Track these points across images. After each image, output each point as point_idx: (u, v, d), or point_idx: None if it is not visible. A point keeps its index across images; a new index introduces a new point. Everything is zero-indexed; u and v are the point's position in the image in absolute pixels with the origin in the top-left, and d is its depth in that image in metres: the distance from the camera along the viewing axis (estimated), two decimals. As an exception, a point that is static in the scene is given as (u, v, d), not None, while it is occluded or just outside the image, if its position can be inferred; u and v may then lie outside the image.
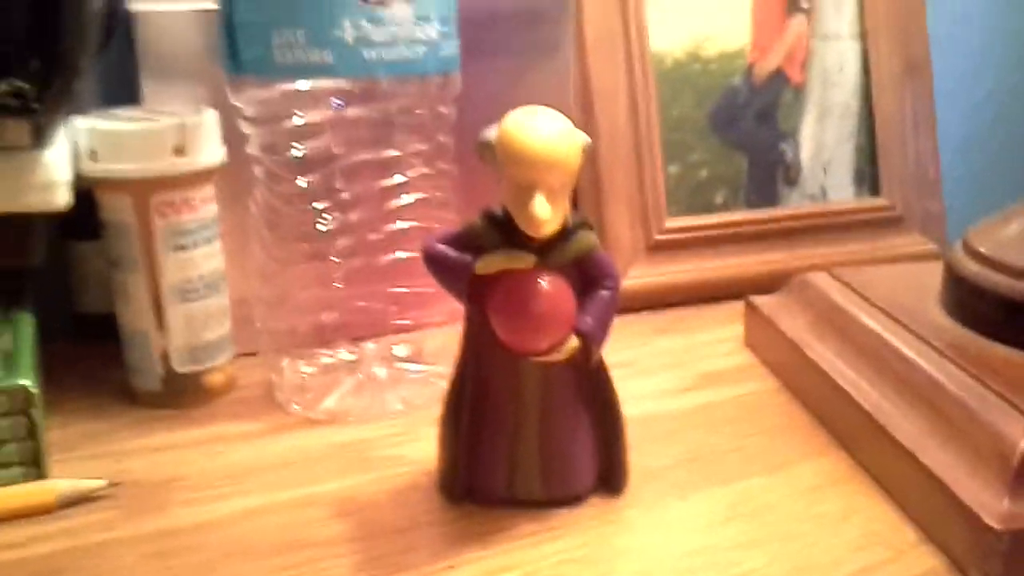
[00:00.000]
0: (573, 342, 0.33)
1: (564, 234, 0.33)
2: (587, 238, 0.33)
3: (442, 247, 0.34)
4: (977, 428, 0.34)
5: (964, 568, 0.32)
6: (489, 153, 0.32)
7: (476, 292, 0.33)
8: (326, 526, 0.35)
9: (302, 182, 0.42)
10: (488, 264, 0.33)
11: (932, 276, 0.45)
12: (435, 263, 0.34)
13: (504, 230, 0.33)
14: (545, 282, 0.32)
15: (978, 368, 0.37)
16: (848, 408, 0.40)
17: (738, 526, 0.35)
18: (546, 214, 0.30)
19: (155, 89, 0.46)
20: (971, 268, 0.41)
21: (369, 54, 0.38)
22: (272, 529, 0.35)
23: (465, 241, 0.34)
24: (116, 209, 0.42)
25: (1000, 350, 0.38)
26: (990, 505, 0.31)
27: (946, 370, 0.37)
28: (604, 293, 0.34)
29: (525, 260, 0.32)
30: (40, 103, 0.30)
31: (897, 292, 0.45)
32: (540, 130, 0.30)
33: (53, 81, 0.30)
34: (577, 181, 0.33)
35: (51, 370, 0.42)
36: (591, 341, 0.34)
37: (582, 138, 0.32)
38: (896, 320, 0.42)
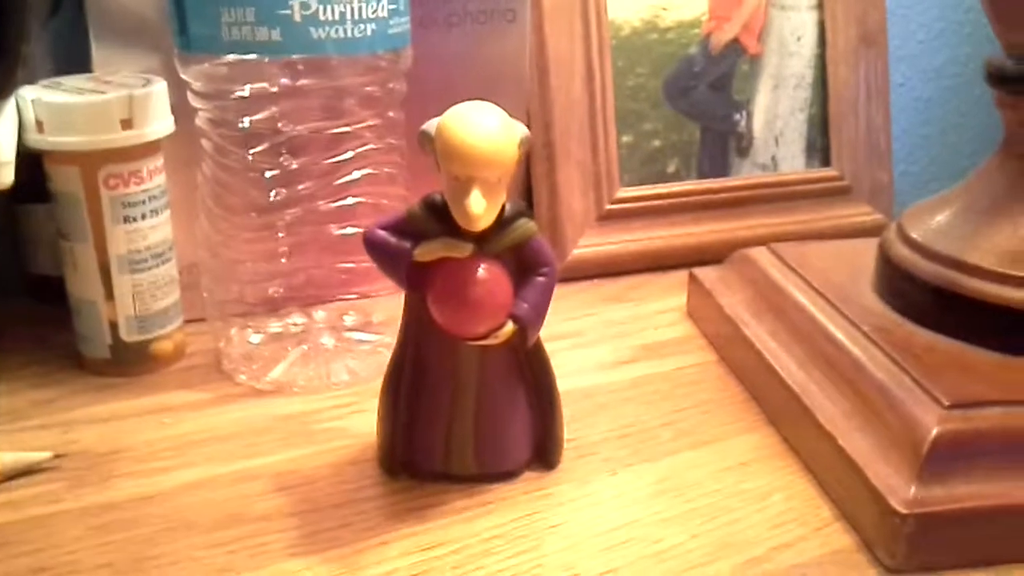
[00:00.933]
0: (509, 327, 0.34)
1: (502, 222, 0.34)
2: (525, 227, 0.34)
3: (382, 234, 0.34)
4: (893, 414, 0.35)
5: (873, 548, 0.34)
6: (429, 145, 0.32)
7: (415, 278, 0.34)
8: (266, 500, 0.36)
9: (249, 155, 0.42)
10: (426, 252, 0.33)
11: (868, 255, 0.46)
12: (375, 249, 0.34)
13: (443, 217, 0.33)
14: (483, 270, 0.33)
15: (901, 353, 0.38)
16: (777, 387, 0.41)
17: (664, 502, 0.37)
18: (481, 210, 0.31)
19: (106, 55, 0.46)
20: (902, 252, 0.42)
21: (317, 32, 0.38)
22: (213, 503, 0.36)
23: (405, 228, 0.34)
24: (64, 180, 0.42)
25: (924, 336, 0.40)
26: (899, 489, 0.33)
27: (870, 353, 0.39)
28: (541, 280, 0.35)
29: (463, 248, 0.33)
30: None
31: (832, 271, 0.46)
32: (476, 128, 0.30)
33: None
34: (520, 168, 0.33)
35: (1, 330, 0.42)
36: (527, 326, 0.35)
37: (520, 132, 0.32)
38: (828, 301, 0.43)
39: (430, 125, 0.32)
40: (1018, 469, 0.33)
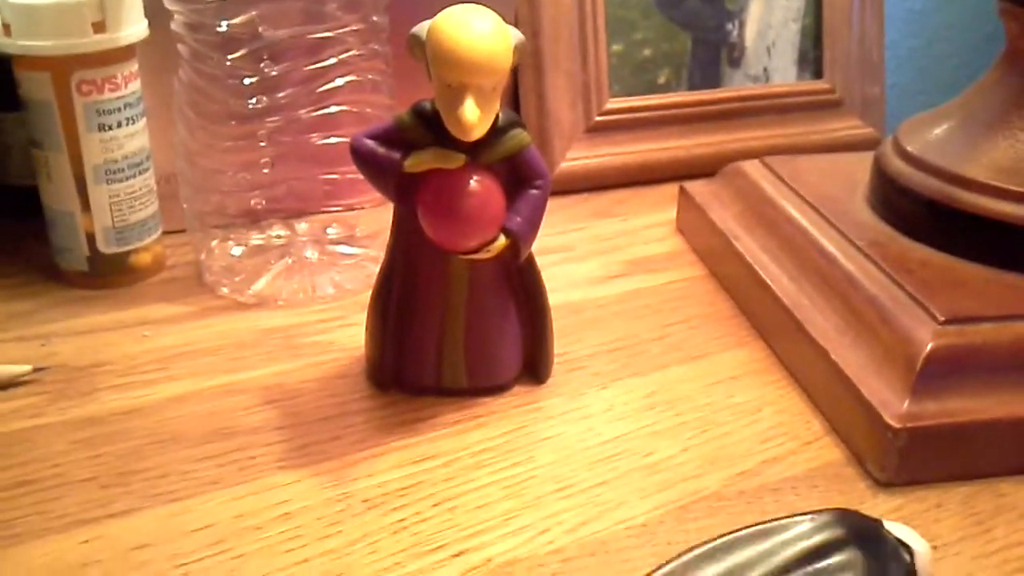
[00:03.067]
0: (502, 240, 0.33)
1: (495, 132, 0.33)
2: (519, 137, 0.33)
3: (370, 143, 0.33)
4: (887, 328, 0.35)
5: (864, 462, 0.34)
6: (419, 50, 0.31)
7: (405, 189, 0.33)
8: (254, 414, 0.36)
9: (228, 60, 0.41)
10: (417, 162, 0.32)
11: (862, 169, 0.45)
12: (363, 160, 0.33)
13: (434, 127, 0.32)
14: (475, 181, 0.32)
15: (895, 267, 0.38)
16: (769, 301, 0.41)
17: (654, 415, 0.37)
18: (475, 118, 0.30)
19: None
20: (897, 166, 0.41)
21: (295, -71, 0.37)
22: (200, 416, 0.36)
23: (394, 137, 0.33)
24: (35, 87, 0.40)
25: (919, 250, 0.39)
26: (892, 404, 0.33)
27: (864, 268, 0.38)
28: (534, 192, 0.34)
29: (455, 159, 0.32)
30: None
31: (826, 185, 0.45)
32: (472, 31, 0.29)
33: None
34: (511, 75, 0.32)
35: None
36: (520, 240, 0.34)
37: (515, 36, 0.31)
38: (821, 215, 0.42)
39: (420, 28, 0.31)
40: (1010, 383, 0.33)
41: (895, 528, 0.23)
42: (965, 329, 0.34)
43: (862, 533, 0.21)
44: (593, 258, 0.49)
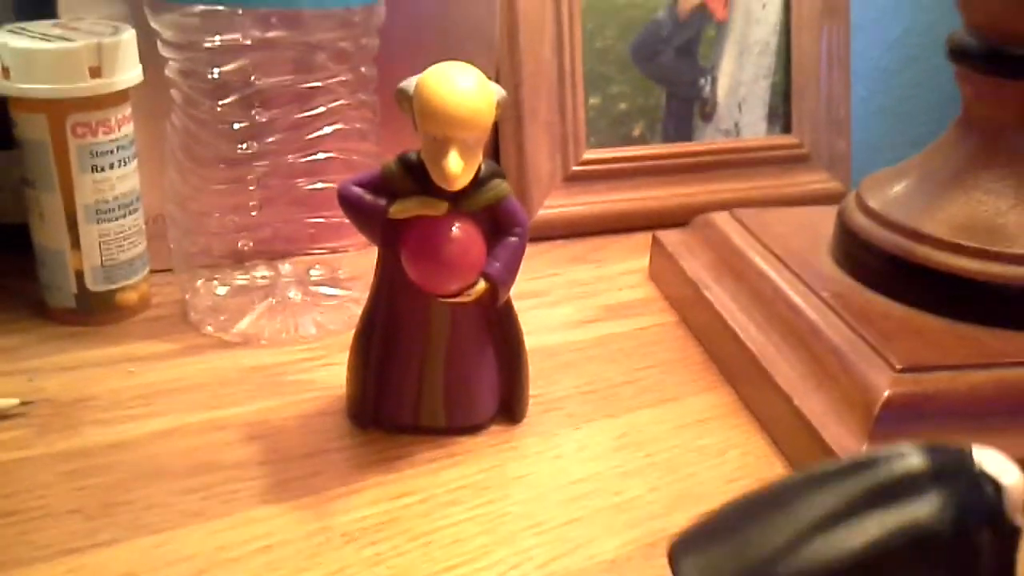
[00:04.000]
0: (481, 285, 0.35)
1: (477, 182, 0.34)
2: (499, 187, 0.35)
3: (357, 190, 0.35)
4: (847, 376, 0.37)
5: (824, 503, 0.35)
6: (407, 104, 0.32)
7: (389, 235, 0.35)
8: (237, 449, 0.37)
9: (219, 106, 0.42)
10: (402, 209, 0.34)
11: (827, 222, 0.47)
12: (350, 205, 0.35)
13: (418, 175, 0.34)
14: (457, 228, 0.34)
15: (857, 318, 0.39)
16: (736, 348, 0.42)
17: (625, 456, 0.38)
18: (459, 169, 0.31)
19: (73, 1, 0.46)
20: (860, 221, 0.43)
21: (290, -14, 0.38)
22: (184, 451, 0.37)
23: (380, 184, 0.35)
24: (31, 128, 0.42)
25: (880, 302, 0.41)
26: (850, 448, 0.34)
27: (827, 318, 0.40)
28: (513, 240, 0.36)
29: (438, 206, 0.34)
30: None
31: (792, 238, 0.47)
32: (456, 89, 0.31)
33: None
34: (493, 127, 0.34)
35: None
36: (499, 285, 0.35)
37: (498, 93, 0.33)
38: (787, 266, 0.44)
39: (408, 83, 0.32)
40: (963, 429, 0.35)
41: (985, 456, 0.20)
42: (921, 378, 0.36)
43: (945, 465, 0.18)
44: (568, 303, 0.51)
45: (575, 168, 0.58)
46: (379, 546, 0.32)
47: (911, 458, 0.18)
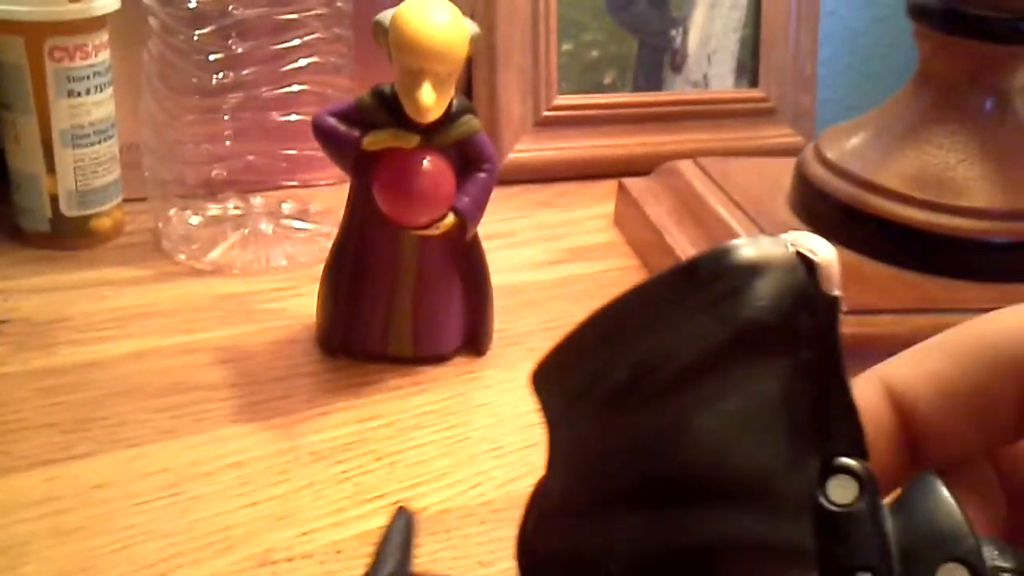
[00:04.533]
0: (450, 218, 0.36)
1: (449, 117, 0.35)
2: (470, 122, 0.36)
3: (332, 120, 0.36)
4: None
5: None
6: (382, 36, 0.33)
7: (362, 166, 0.36)
8: (209, 372, 0.38)
9: (195, 35, 0.42)
10: (375, 140, 0.35)
11: (787, 173, 0.48)
12: (324, 135, 0.36)
13: (392, 108, 0.35)
14: (428, 161, 0.35)
15: (809, 264, 0.41)
16: (695, 291, 0.44)
17: (585, 390, 0.39)
18: (431, 101, 0.32)
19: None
20: (817, 171, 0.45)
21: (269, -84, 0.39)
22: (157, 372, 0.38)
23: (354, 116, 0.35)
24: (8, 51, 0.42)
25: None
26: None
27: (782, 264, 0.42)
28: (482, 175, 0.37)
29: (410, 139, 0.35)
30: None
31: (753, 186, 0.49)
32: (431, 22, 0.32)
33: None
34: (465, 67, 0.35)
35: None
36: (467, 219, 0.37)
37: (471, 28, 0.34)
38: (746, 213, 0.46)
39: (384, 16, 0.33)
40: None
41: (798, 238, 0.18)
42: (866, 320, 0.37)
43: (764, 255, 0.17)
44: (534, 244, 0.52)
45: (546, 113, 0.59)
46: (346, 464, 0.34)
47: (733, 255, 0.17)
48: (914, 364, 0.18)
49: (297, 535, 0.30)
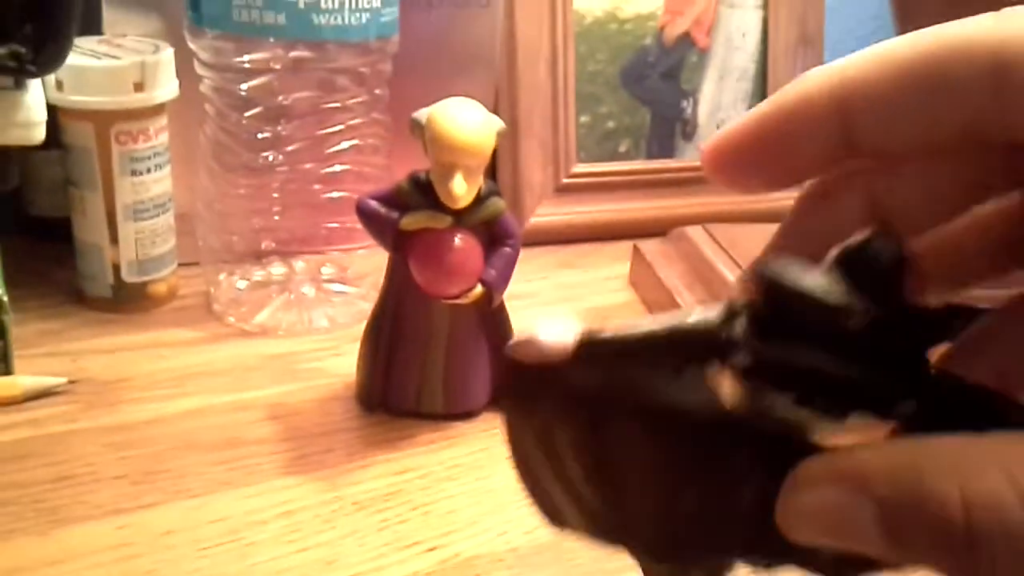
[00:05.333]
0: (479, 289, 0.40)
1: (477, 200, 0.39)
2: (496, 204, 0.40)
3: (373, 203, 0.40)
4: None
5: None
6: (419, 131, 0.37)
7: (400, 243, 0.40)
8: (259, 428, 0.42)
9: (244, 118, 0.47)
10: (412, 221, 0.39)
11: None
12: (367, 217, 0.40)
13: (427, 193, 0.39)
14: (459, 239, 0.39)
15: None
16: (704, 351, 0.47)
17: (602, 444, 0.43)
18: (463, 191, 0.37)
19: (115, 17, 0.50)
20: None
21: (318, 19, 0.43)
22: (212, 428, 0.42)
23: (393, 200, 0.40)
24: (79, 135, 0.46)
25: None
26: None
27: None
28: (507, 250, 0.41)
29: (443, 220, 0.39)
30: (35, 65, 0.35)
31: (757, 251, 0.52)
32: (463, 122, 0.36)
33: (47, 44, 0.34)
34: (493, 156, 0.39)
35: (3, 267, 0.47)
36: (493, 289, 0.41)
37: (497, 125, 0.38)
38: (752, 279, 0.49)
39: (420, 114, 0.38)
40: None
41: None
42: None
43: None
44: (555, 304, 0.56)
45: (565, 180, 0.63)
46: (384, 513, 0.37)
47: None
48: (860, 65, 0.17)
49: (344, 578, 0.34)
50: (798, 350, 0.17)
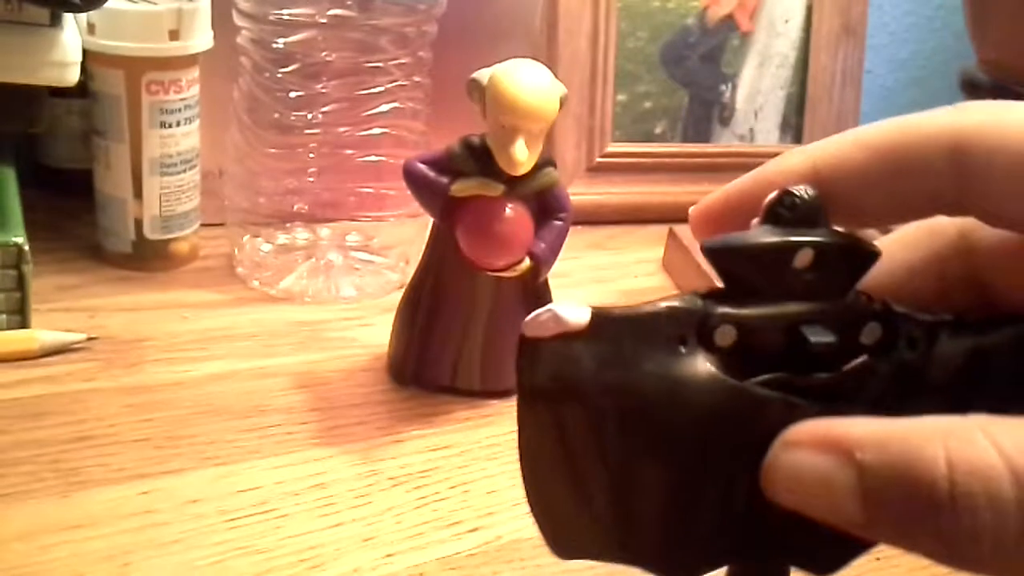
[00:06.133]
0: (526, 263, 0.38)
1: (531, 169, 0.37)
2: (550, 175, 0.38)
3: (422, 167, 0.38)
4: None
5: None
6: (478, 93, 0.35)
7: (448, 210, 0.38)
8: (286, 396, 0.40)
9: (280, 73, 0.45)
10: (463, 188, 0.37)
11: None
12: (415, 180, 0.38)
13: (479, 158, 0.37)
14: (510, 209, 0.37)
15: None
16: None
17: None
18: (524, 157, 0.35)
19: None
20: (868, 232, 0.47)
21: (368, -27, 0.41)
22: (238, 394, 0.40)
23: (443, 164, 0.38)
24: (108, 82, 0.44)
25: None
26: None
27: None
28: (558, 223, 0.39)
29: (495, 188, 0.37)
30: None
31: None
32: (528, 83, 0.34)
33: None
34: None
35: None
36: (542, 264, 0.39)
37: (561, 90, 0.36)
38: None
39: (481, 74, 0.36)
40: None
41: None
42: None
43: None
44: (587, 286, 0.54)
45: (599, 159, 0.61)
46: (422, 491, 0.36)
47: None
48: (836, 145, 0.20)
49: (381, 556, 0.32)
50: (757, 303, 0.19)
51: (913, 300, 0.20)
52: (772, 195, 0.20)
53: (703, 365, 0.20)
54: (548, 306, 0.19)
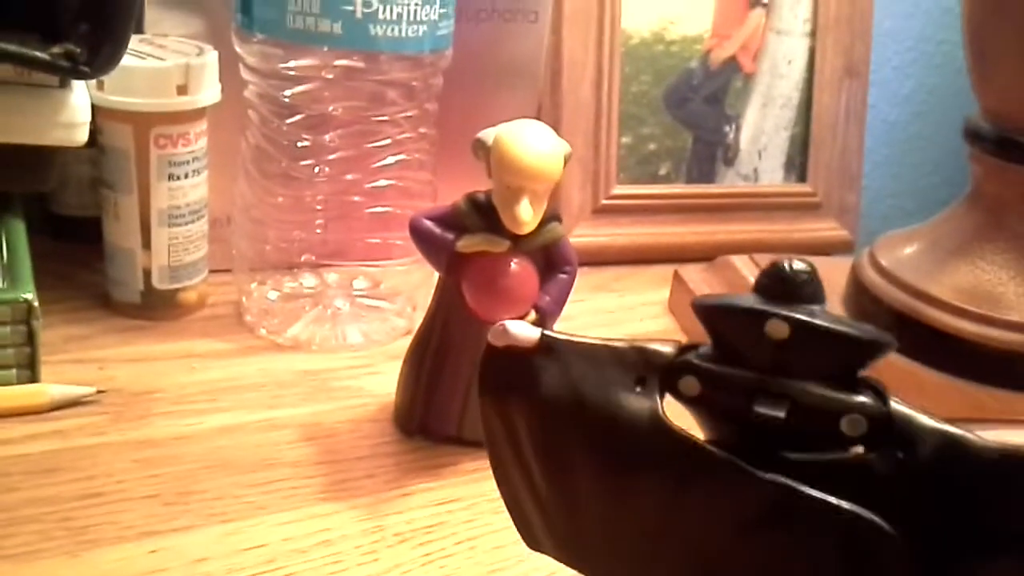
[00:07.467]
0: (532, 316, 0.39)
1: (537, 224, 0.38)
2: (555, 230, 0.38)
3: (428, 223, 0.38)
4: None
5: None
6: (483, 153, 0.36)
7: (454, 265, 0.38)
8: (294, 449, 0.40)
9: (286, 125, 0.45)
10: (469, 244, 0.37)
11: (840, 274, 0.51)
12: (420, 236, 0.38)
13: (485, 215, 0.37)
14: (515, 264, 0.37)
15: (864, 368, 0.43)
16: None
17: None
18: (528, 217, 0.35)
19: (157, 16, 0.49)
20: (872, 277, 0.47)
21: (375, 30, 0.42)
22: (246, 447, 0.40)
23: (448, 219, 0.38)
24: (117, 136, 0.45)
25: (889, 357, 0.45)
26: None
27: (838, 367, 0.44)
28: (563, 277, 0.39)
29: (501, 244, 0.37)
30: (90, 66, 0.33)
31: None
32: (532, 145, 0.35)
33: (104, 46, 0.33)
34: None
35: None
36: (547, 316, 0.39)
37: (565, 149, 0.36)
38: (803, 315, 0.48)
39: (486, 135, 0.36)
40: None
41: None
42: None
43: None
44: (593, 330, 0.54)
45: (604, 201, 0.62)
46: (428, 547, 0.36)
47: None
48: None
49: (389, 617, 0.32)
50: (731, 365, 0.20)
51: None
52: (768, 266, 0.21)
53: (651, 404, 0.22)
54: (503, 321, 0.23)
